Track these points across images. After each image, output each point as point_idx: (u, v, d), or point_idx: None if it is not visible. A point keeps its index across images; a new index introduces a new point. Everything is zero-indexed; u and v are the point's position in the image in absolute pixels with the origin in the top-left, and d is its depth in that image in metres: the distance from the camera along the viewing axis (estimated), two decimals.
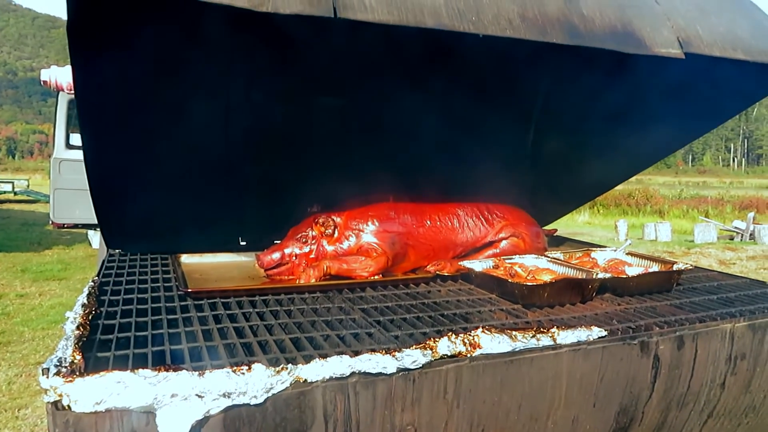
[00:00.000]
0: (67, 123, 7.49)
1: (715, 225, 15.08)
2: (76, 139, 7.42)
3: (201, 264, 2.29)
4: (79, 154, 7.58)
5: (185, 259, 2.30)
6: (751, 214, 15.37)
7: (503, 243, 2.29)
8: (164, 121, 1.95)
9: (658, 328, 1.66)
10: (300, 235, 2.11)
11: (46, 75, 4.72)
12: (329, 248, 2.09)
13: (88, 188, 2.04)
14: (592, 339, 1.55)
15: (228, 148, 2.41)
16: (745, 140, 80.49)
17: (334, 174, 2.33)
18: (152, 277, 2.10)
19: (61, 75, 4.76)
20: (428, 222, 2.21)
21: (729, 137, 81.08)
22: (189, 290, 1.80)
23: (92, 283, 1.89)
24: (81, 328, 1.44)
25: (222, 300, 1.79)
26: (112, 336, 1.46)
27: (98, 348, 1.37)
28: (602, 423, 1.65)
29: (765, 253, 11.04)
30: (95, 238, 9.04)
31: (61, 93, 7.31)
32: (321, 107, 2.50)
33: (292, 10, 1.38)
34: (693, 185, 41.39)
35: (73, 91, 2.40)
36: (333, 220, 2.11)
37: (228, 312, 1.69)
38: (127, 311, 1.67)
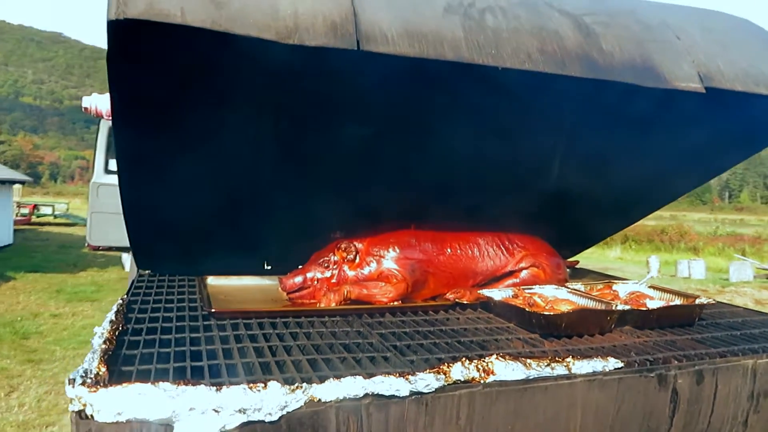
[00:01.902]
0: (107, 149, 7.76)
1: (752, 263, 14.69)
2: (114, 164, 7.64)
3: (226, 286, 2.35)
4: (116, 179, 7.83)
5: (211, 281, 2.36)
6: None
7: (523, 273, 2.30)
8: (195, 150, 2.03)
9: (676, 362, 1.64)
10: (322, 260, 2.16)
11: (87, 102, 4.96)
12: (350, 273, 2.12)
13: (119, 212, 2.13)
14: (608, 370, 1.55)
15: (256, 176, 2.49)
16: None
17: (356, 201, 2.39)
18: (179, 297, 2.16)
19: (101, 102, 5.00)
20: (449, 250, 2.23)
21: (767, 174, 79.23)
22: (213, 311, 1.85)
23: (120, 301, 1.96)
24: (107, 342, 1.50)
25: (244, 321, 1.84)
26: (136, 351, 1.51)
27: (123, 362, 1.42)
28: None
29: None
30: (128, 261, 9.26)
31: (102, 120, 7.59)
32: (345, 137, 2.56)
33: (317, 43, 1.45)
34: (729, 222, 40.45)
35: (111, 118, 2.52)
36: (355, 245, 2.15)
37: (249, 332, 1.73)
38: (153, 329, 1.73)
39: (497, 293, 2.07)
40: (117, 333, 1.61)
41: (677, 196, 2.88)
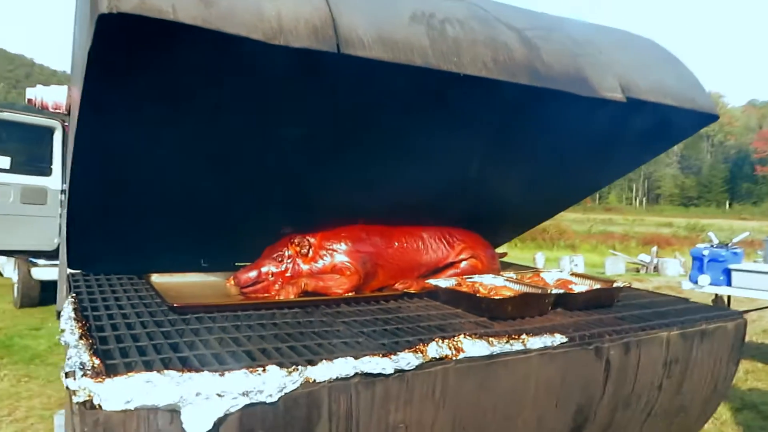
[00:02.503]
0: None
1: (623, 258, 16.15)
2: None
3: (172, 283, 2.33)
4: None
5: (156, 278, 2.33)
6: (654, 248, 16.59)
7: (463, 264, 2.49)
8: (151, 147, 2.01)
9: (608, 336, 1.88)
10: (276, 255, 2.21)
11: (31, 93, 4.62)
12: (304, 267, 2.19)
13: (7, 213, 2.05)
14: (556, 344, 1.75)
15: (193, 175, 2.47)
16: (646, 181, 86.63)
17: (299, 198, 2.45)
18: (126, 295, 2.12)
19: (47, 94, 4.71)
20: (396, 243, 2.37)
21: (631, 178, 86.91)
22: (175, 305, 1.85)
23: (72, 300, 1.90)
24: (84, 338, 1.48)
25: (207, 315, 1.86)
26: (111, 346, 1.50)
27: (104, 356, 1.42)
28: (562, 422, 1.84)
29: (668, 284, 11.90)
30: (7, 266, 8.56)
31: None
32: (287, 137, 2.61)
33: (301, 44, 1.53)
34: (601, 222, 43.96)
35: (58, 110, 2.38)
36: (308, 240, 2.22)
37: (218, 325, 1.76)
38: (115, 325, 1.71)
39: (443, 282, 2.23)
40: (84, 329, 1.59)
41: (583, 197, 3.20)
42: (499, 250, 3.06)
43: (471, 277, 2.34)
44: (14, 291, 7.87)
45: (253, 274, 2.16)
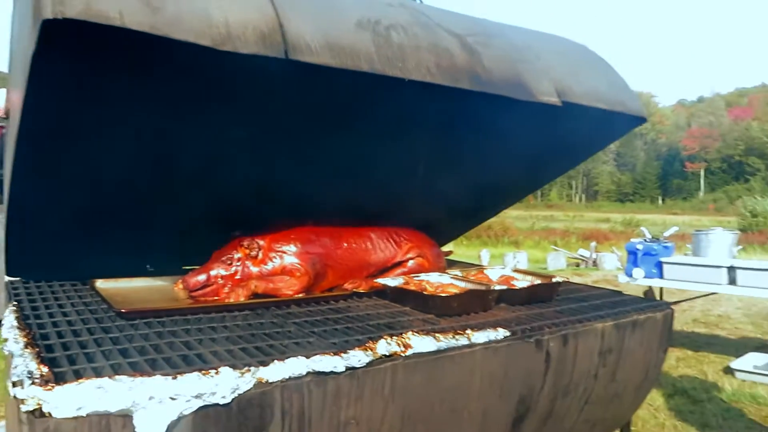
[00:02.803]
0: None
1: (564, 253, 16.68)
2: None
3: (118, 289, 2.30)
4: None
5: (101, 284, 2.29)
6: (593, 244, 17.19)
7: (410, 262, 2.56)
8: (91, 151, 1.98)
9: (548, 329, 1.98)
10: (225, 258, 2.21)
11: None
12: (254, 269, 2.21)
13: None
14: (499, 338, 1.83)
15: (137, 178, 2.44)
16: (584, 178, 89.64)
17: (242, 204, 2.46)
18: (70, 302, 2.08)
19: None
20: (345, 244, 2.41)
21: (571, 175, 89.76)
22: (123, 311, 1.84)
23: (14, 308, 1.86)
24: (30, 347, 1.45)
25: (156, 320, 1.85)
26: (58, 354, 1.48)
27: (51, 364, 1.40)
28: (506, 412, 1.92)
29: (605, 278, 12.37)
30: None
31: None
32: (234, 139, 2.61)
33: (249, 50, 1.55)
34: (543, 218, 45.23)
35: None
36: (257, 242, 2.24)
37: (168, 329, 1.76)
38: (60, 333, 1.68)
39: (391, 281, 2.29)
40: (29, 339, 1.56)
41: (524, 196, 3.34)
42: (446, 248, 3.14)
43: (418, 276, 2.40)
44: None
45: (202, 277, 2.16)
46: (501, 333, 1.85)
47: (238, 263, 2.20)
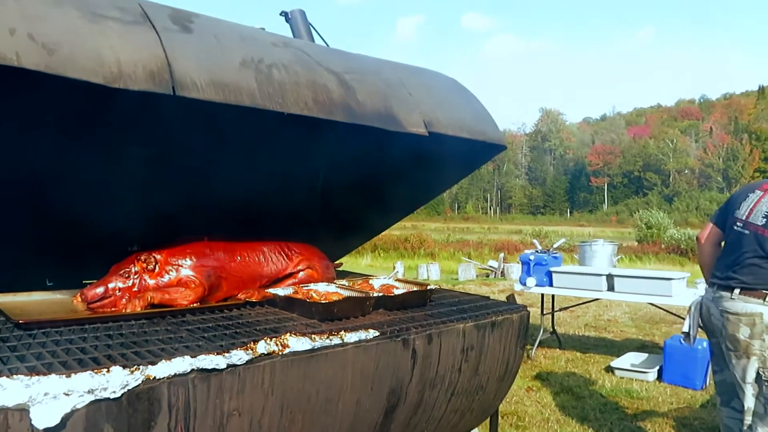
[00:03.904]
0: None
1: (474, 264, 17.41)
2: None
3: (16, 302, 2.39)
4: None
5: None
6: (501, 255, 18.04)
7: (300, 274, 2.80)
8: None
9: (414, 329, 2.28)
10: (123, 271, 2.37)
11: None
12: (151, 282, 2.38)
13: None
14: (369, 338, 2.11)
15: (36, 195, 2.55)
16: (498, 191, 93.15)
17: (140, 219, 2.63)
18: None
19: None
20: (238, 257, 2.63)
21: (486, 188, 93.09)
22: (21, 321, 1.97)
23: None
24: None
25: (54, 329, 2.00)
26: None
27: None
28: (378, 402, 2.20)
29: (511, 287, 13.05)
30: None
31: None
32: (130, 157, 2.75)
33: (139, 87, 1.76)
34: (459, 230, 46.76)
35: None
36: (154, 256, 2.41)
37: (65, 338, 1.91)
38: None
39: (281, 291, 2.53)
40: None
41: (403, 216, 3.67)
42: (339, 260, 3.42)
43: (307, 286, 2.65)
44: None
45: (100, 290, 2.31)
46: (371, 333, 2.13)
47: (136, 276, 2.37)
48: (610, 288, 6.04)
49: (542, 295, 7.09)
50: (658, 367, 5.41)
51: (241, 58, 2.07)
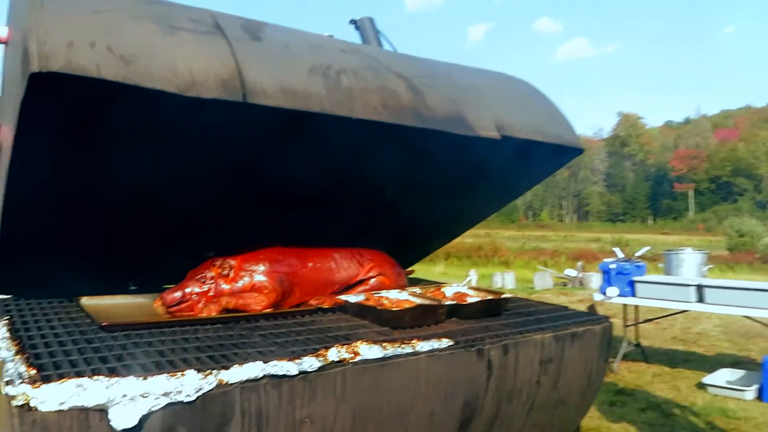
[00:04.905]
0: None
1: (551, 273, 16.92)
2: None
3: (102, 305, 2.50)
4: None
5: (86, 301, 2.50)
6: (579, 263, 17.43)
7: (372, 281, 2.78)
8: (76, 178, 2.19)
9: (489, 339, 2.20)
10: (199, 276, 2.43)
11: None
12: (226, 287, 2.42)
13: None
14: (442, 347, 2.05)
15: (119, 204, 2.65)
16: (575, 198, 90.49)
17: (219, 226, 2.68)
18: (57, 317, 2.29)
19: None
20: (310, 264, 2.64)
21: (562, 195, 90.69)
22: (104, 324, 2.05)
23: (6, 321, 2.07)
24: (20, 354, 1.66)
25: (135, 332, 2.06)
26: (45, 361, 1.69)
27: (39, 368, 1.61)
28: (452, 414, 2.13)
29: (591, 297, 12.59)
30: None
31: None
32: (209, 167, 2.83)
33: (211, 95, 1.79)
34: (534, 238, 45.72)
35: None
36: (229, 262, 2.46)
37: (144, 340, 1.97)
38: (48, 343, 1.88)
39: (353, 298, 2.51)
40: (18, 347, 1.77)
41: (477, 222, 3.58)
42: (410, 267, 3.37)
43: (379, 293, 2.63)
44: None
45: (178, 294, 2.37)
46: (444, 343, 2.07)
47: (211, 281, 2.42)
48: (700, 299, 5.67)
49: (624, 305, 6.78)
50: (757, 386, 5.01)
51: (309, 65, 2.08)
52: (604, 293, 6.68)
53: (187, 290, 2.40)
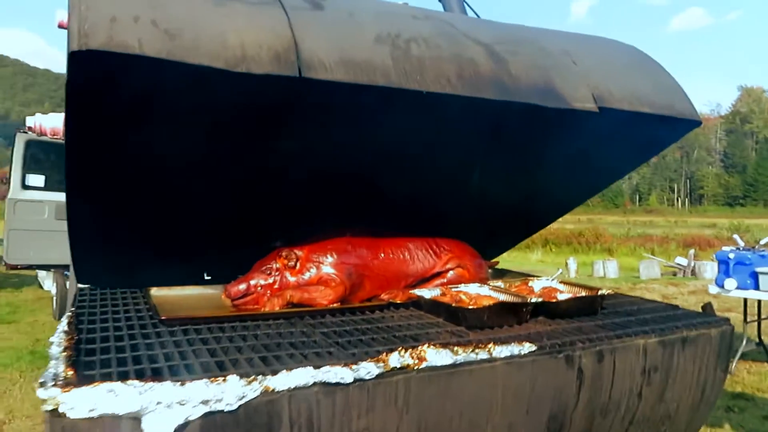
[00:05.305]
0: (24, 164, 7.49)
1: (659, 262, 15.78)
2: (32, 179, 7.43)
3: (170, 296, 2.44)
4: (34, 195, 7.59)
5: (155, 292, 2.45)
6: (691, 251, 16.15)
7: (450, 273, 2.54)
8: (138, 167, 2.12)
9: (581, 344, 1.90)
10: (264, 268, 2.30)
11: (31, 122, 5.01)
12: (292, 279, 2.28)
13: (43, 229, 2.19)
14: (523, 353, 1.78)
15: (195, 190, 2.58)
16: (687, 181, 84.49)
17: (293, 213, 2.54)
18: (125, 308, 2.24)
19: (45, 121, 5.09)
20: (382, 255, 2.44)
21: (673, 178, 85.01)
22: (163, 318, 1.96)
23: (70, 314, 2.03)
24: (67, 350, 1.59)
25: (194, 327, 1.96)
26: (95, 357, 1.61)
27: (84, 367, 1.52)
28: (535, 429, 1.87)
29: (705, 288, 11.61)
30: (47, 280, 8.91)
31: (18, 134, 7.34)
32: (280, 153, 2.70)
33: (263, 70, 1.62)
34: (640, 224, 43.07)
35: (57, 137, 2.53)
36: (295, 253, 2.31)
37: (200, 336, 1.85)
38: (105, 337, 1.82)
39: (427, 292, 2.29)
40: (73, 342, 1.70)
41: (576, 205, 3.22)
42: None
43: (457, 287, 2.38)
44: (53, 303, 8.20)
45: (242, 286, 2.26)
46: (526, 347, 1.80)
47: (277, 273, 2.28)
48: None
49: (745, 299, 6.10)
50: None
51: (375, 33, 1.86)
52: (722, 285, 6.04)
53: (252, 282, 2.28)
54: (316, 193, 2.65)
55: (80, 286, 2.67)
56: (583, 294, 2.32)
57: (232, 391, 1.39)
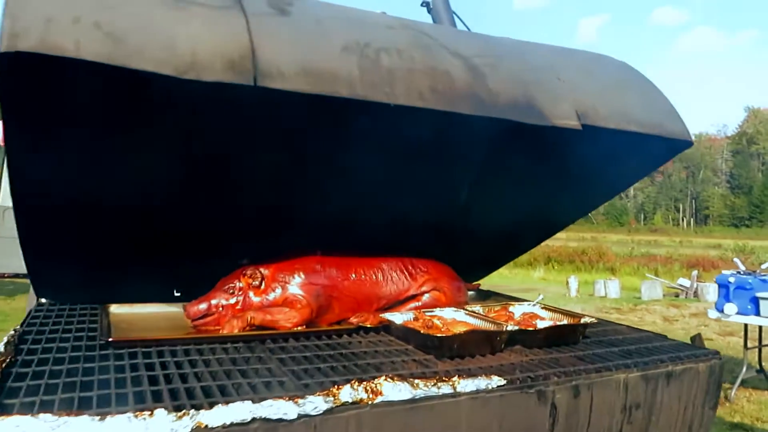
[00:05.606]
0: None
1: (661, 282, 15.57)
2: None
3: (130, 314, 2.32)
4: None
5: (114, 309, 2.33)
6: (694, 273, 15.94)
7: (425, 296, 2.40)
8: (91, 175, 2.00)
9: (555, 377, 1.77)
10: (227, 287, 2.18)
11: None
12: (255, 299, 2.15)
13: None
14: (491, 387, 1.65)
15: (163, 204, 2.47)
16: (693, 201, 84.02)
17: (267, 229, 2.41)
18: (78, 327, 2.12)
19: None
20: (353, 275, 2.30)
21: (678, 198, 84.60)
22: (110, 340, 1.84)
23: (13, 332, 1.91)
24: None
25: (143, 350, 1.83)
26: (23, 383, 1.48)
27: (6, 394, 1.40)
28: None
29: (706, 310, 11.42)
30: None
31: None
32: (256, 163, 2.58)
33: (214, 78, 1.51)
34: (644, 243, 42.70)
35: None
36: (260, 271, 2.18)
37: (146, 361, 1.72)
38: (44, 360, 1.69)
39: (398, 316, 2.16)
40: (4, 365, 1.58)
41: (563, 227, 3.09)
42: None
43: (431, 311, 2.25)
44: None
45: (202, 306, 2.14)
46: (495, 381, 1.66)
47: (240, 292, 2.16)
48: None
49: (745, 325, 5.95)
50: None
51: (343, 42, 1.75)
52: (721, 310, 5.92)
53: (213, 302, 2.15)
54: (284, 207, 2.53)
55: (42, 300, 2.55)
56: (564, 322, 2.18)
57: (158, 428, 1.26)
